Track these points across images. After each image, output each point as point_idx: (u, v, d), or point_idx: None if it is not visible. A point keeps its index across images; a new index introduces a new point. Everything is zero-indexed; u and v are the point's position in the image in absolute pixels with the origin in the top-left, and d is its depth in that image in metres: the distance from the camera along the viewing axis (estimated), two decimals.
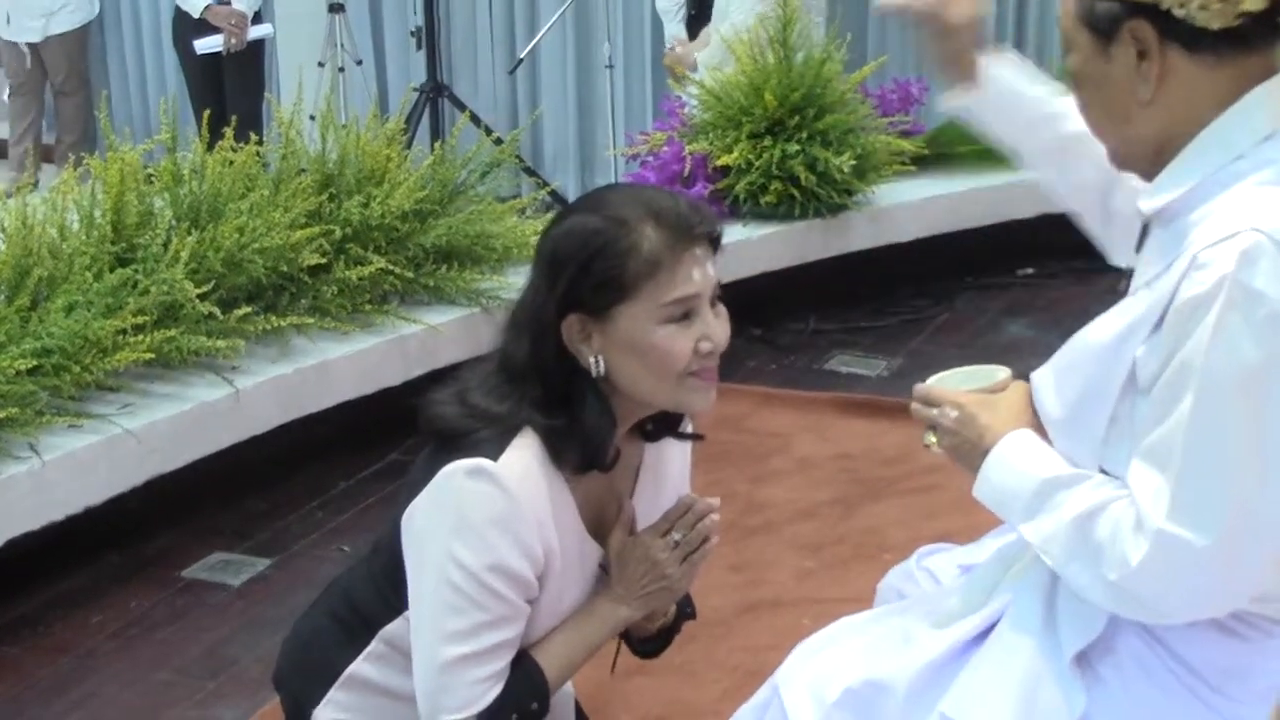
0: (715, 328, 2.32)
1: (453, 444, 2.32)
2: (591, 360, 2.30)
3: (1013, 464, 2.20)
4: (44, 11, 9.12)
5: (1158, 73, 2.06)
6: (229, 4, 8.48)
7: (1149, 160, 2.12)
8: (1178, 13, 2.00)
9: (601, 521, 2.47)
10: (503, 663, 2.34)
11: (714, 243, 2.34)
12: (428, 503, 2.31)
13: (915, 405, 2.35)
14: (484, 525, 2.26)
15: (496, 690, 2.33)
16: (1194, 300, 1.94)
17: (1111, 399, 2.07)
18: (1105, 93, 2.12)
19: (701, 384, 2.34)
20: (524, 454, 2.29)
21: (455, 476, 2.27)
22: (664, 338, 2.28)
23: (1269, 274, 1.91)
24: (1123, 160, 2.18)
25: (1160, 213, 2.10)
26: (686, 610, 2.65)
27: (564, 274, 2.28)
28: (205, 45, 8.64)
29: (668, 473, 2.56)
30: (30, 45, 9.23)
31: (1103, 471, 2.13)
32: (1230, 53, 2.03)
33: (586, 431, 2.31)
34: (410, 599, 2.38)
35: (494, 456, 2.27)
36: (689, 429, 2.53)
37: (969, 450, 2.26)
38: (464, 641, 2.30)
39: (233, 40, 8.48)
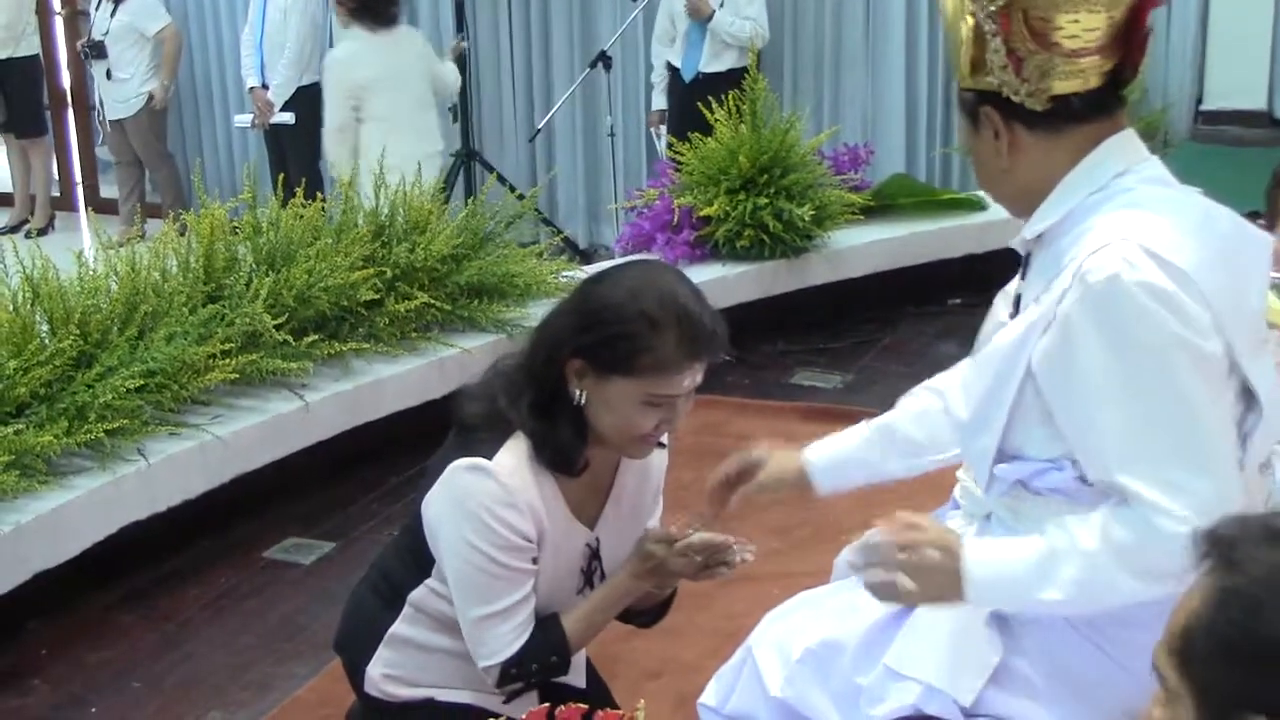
0: (679, 416, 2.37)
1: (463, 439, 2.38)
2: (576, 393, 2.34)
3: (996, 556, 2.06)
4: (121, 98, 9.10)
5: (1008, 147, 2.10)
6: (267, 89, 8.36)
7: (1022, 207, 2.15)
8: (1014, 99, 2.05)
9: (584, 504, 2.50)
10: (521, 616, 2.38)
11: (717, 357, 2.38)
12: (440, 495, 2.37)
13: (864, 557, 2.12)
14: (484, 511, 2.31)
15: (521, 642, 2.38)
16: (1102, 303, 1.94)
17: (1012, 391, 2.08)
18: (980, 162, 2.18)
19: (647, 446, 2.42)
20: (513, 454, 2.35)
21: (459, 472, 2.34)
22: (638, 413, 2.33)
23: (1150, 268, 1.93)
24: (1005, 207, 2.21)
25: (1040, 239, 2.13)
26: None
27: (591, 332, 2.31)
28: (239, 120, 8.75)
29: (647, 469, 2.59)
30: (117, 123, 9.21)
31: (1008, 455, 2.13)
32: (1065, 126, 2.07)
33: (559, 444, 2.36)
34: (445, 573, 2.42)
35: (489, 456, 2.33)
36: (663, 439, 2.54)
37: (944, 574, 2.04)
38: (485, 604, 2.36)
39: (256, 120, 8.41)
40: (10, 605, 3.80)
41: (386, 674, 2.54)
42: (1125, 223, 1.99)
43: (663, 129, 8.04)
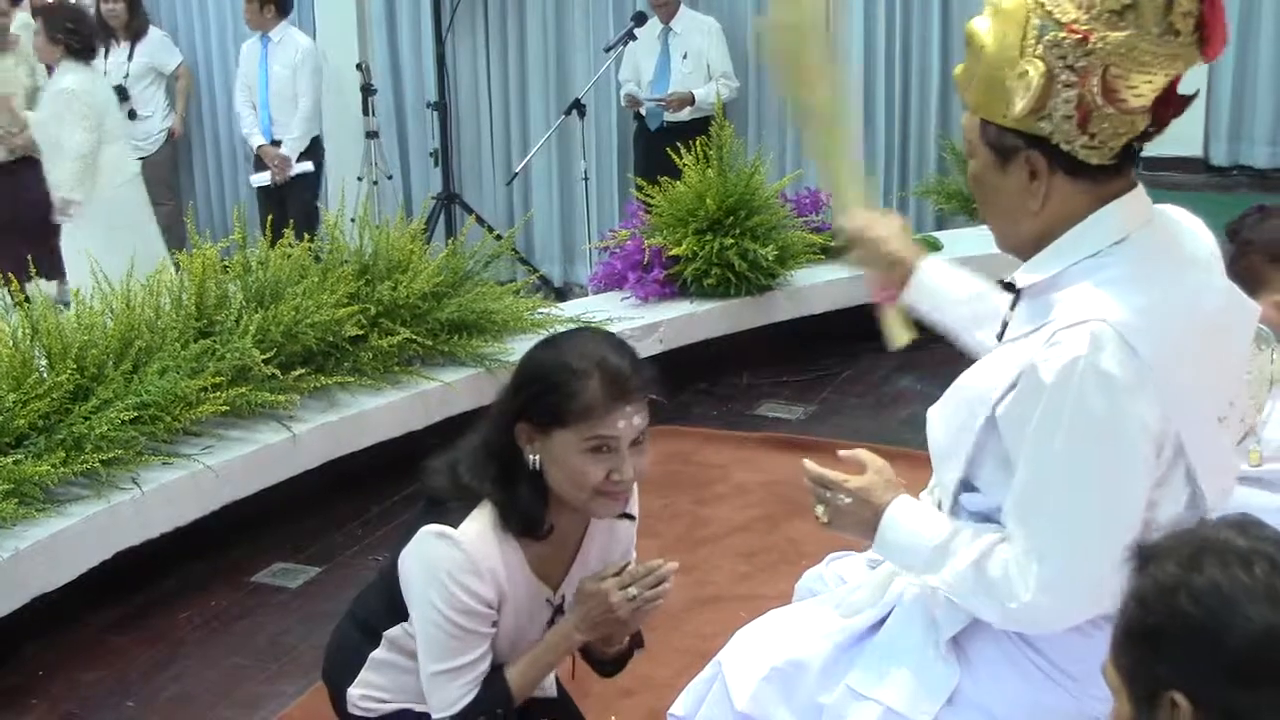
0: (628, 465, 2.36)
1: (435, 507, 2.43)
2: (531, 458, 2.38)
3: (906, 528, 2.20)
4: (143, 135, 9.04)
5: (1045, 191, 2.06)
6: (279, 145, 8.36)
7: (1029, 250, 2.12)
8: (1065, 148, 2.01)
9: (550, 566, 2.52)
10: (475, 674, 2.44)
11: (646, 398, 2.37)
12: (411, 555, 2.41)
13: (811, 485, 2.31)
14: (448, 577, 2.36)
15: (470, 696, 2.43)
16: (1057, 373, 1.94)
17: (975, 432, 2.09)
18: (999, 199, 2.12)
19: (608, 501, 2.41)
20: (478, 523, 2.39)
21: (428, 537, 2.38)
22: (582, 463, 2.34)
23: (1112, 356, 1.93)
24: (1008, 249, 2.17)
25: (1030, 288, 2.11)
26: (638, 642, 2.69)
27: (524, 393, 2.38)
28: (256, 180, 8.53)
29: (615, 533, 2.61)
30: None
31: (968, 485, 2.15)
32: (1103, 177, 2.04)
33: (522, 509, 2.40)
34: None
35: (456, 524, 2.37)
36: (633, 510, 2.58)
37: (863, 524, 2.25)
38: (442, 660, 2.42)
39: (276, 177, 8.36)
40: (9, 627, 3.78)
41: (365, 693, 2.60)
42: (1107, 300, 1.97)
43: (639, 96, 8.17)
